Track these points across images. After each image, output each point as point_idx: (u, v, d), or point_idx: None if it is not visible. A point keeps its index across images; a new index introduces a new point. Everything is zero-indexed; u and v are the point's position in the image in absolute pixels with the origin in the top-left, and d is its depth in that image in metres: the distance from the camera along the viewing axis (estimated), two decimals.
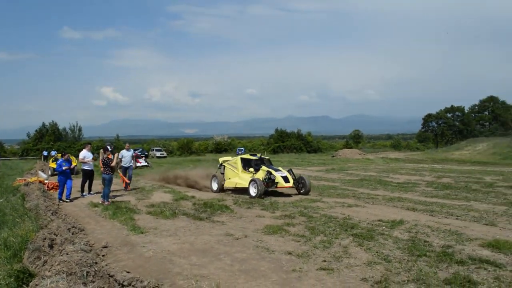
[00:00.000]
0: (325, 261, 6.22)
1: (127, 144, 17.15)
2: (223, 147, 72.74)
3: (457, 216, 9.88)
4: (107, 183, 12.30)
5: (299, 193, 14.05)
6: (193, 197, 13.36)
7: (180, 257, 6.52)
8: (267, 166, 14.57)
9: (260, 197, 12.93)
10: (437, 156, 49.11)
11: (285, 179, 13.79)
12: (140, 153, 39.75)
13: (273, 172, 13.95)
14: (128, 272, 5.61)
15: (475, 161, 40.05)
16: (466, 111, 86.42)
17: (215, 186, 15.38)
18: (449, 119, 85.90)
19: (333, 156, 53.45)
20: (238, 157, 15.68)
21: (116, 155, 13.04)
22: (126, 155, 15.91)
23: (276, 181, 13.71)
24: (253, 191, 13.32)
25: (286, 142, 70.63)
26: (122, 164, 15.65)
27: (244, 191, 14.01)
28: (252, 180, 13.49)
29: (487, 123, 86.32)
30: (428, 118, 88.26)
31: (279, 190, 14.48)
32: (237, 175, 14.97)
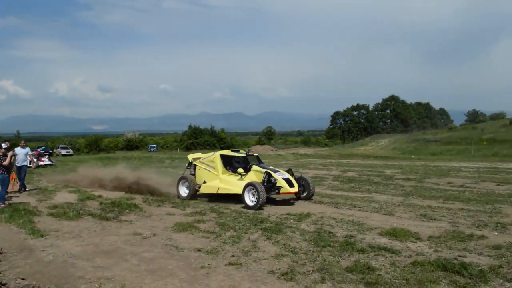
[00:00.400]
0: (234, 256, 6.25)
1: (22, 141, 15.84)
2: (135, 144, 70.72)
3: (360, 207, 10.47)
4: (1, 183, 11.31)
5: (299, 198, 11.72)
6: (100, 196, 12.76)
7: (83, 260, 6.18)
8: (258, 165, 11.88)
9: (260, 208, 10.30)
10: (344, 151, 51.77)
11: (289, 183, 11.15)
12: (43, 151, 37.36)
13: (272, 173, 11.24)
14: (23, 279, 5.23)
15: (378, 155, 42.76)
16: (370, 109, 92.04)
17: (184, 191, 12.42)
18: (355, 117, 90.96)
19: None
20: (217, 154, 12.49)
21: (10, 153, 11.91)
22: (19, 152, 14.58)
23: (278, 185, 11.01)
24: (250, 200, 10.50)
25: (200, 139, 70.27)
26: (16, 163, 14.39)
27: (231, 197, 11.59)
28: (250, 185, 10.60)
29: (389, 120, 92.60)
30: (336, 116, 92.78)
31: (278, 197, 11.75)
32: (216, 178, 12.02)
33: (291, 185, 11.11)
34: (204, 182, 12.28)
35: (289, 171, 11.92)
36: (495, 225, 8.28)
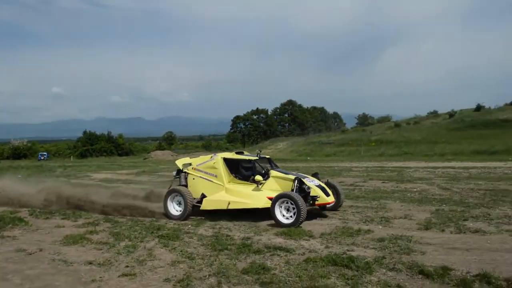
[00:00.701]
0: (128, 266, 6.02)
1: None
2: (22, 152, 65.48)
3: (257, 209, 10.64)
4: None
5: (324, 209, 9.78)
6: None
7: None
8: (278, 170, 9.83)
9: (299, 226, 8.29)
10: None
11: (325, 191, 9.27)
12: None
13: (305, 181, 9.18)
14: None
15: (277, 158, 43.95)
16: (269, 113, 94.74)
17: (176, 209, 9.82)
18: (254, 121, 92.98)
19: (145, 159, 52.85)
20: (219, 158, 10.05)
21: None
22: None
23: (312, 194, 9.01)
24: (283, 216, 8.48)
25: (96, 145, 67.07)
26: None
27: (240, 212, 9.57)
28: (283, 197, 8.48)
29: (287, 124, 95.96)
30: (236, 120, 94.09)
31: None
32: (220, 188, 9.73)
33: (327, 194, 9.26)
34: (203, 195, 9.88)
35: (316, 175, 9.99)
36: (380, 220, 8.93)
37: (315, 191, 9.02)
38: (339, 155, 44.05)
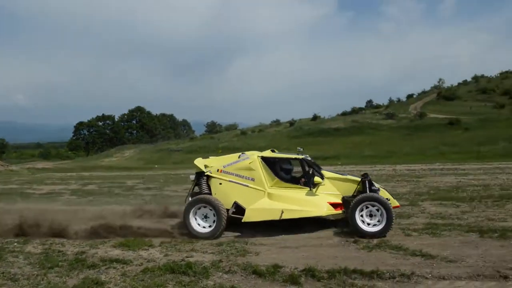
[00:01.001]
0: None
1: None
2: None
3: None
4: None
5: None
6: None
7: None
8: (329, 170, 8.64)
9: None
10: (87, 163, 49.75)
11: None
12: None
13: (374, 183, 8.07)
14: None
15: (123, 166, 42.59)
16: (116, 120, 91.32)
17: (201, 224, 7.95)
18: (100, 127, 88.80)
19: None
20: (255, 157, 8.28)
21: None
22: None
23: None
24: (363, 222, 7.31)
25: None
26: None
27: (286, 222, 8.01)
28: (366, 200, 7.30)
29: (135, 131, 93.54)
30: (79, 126, 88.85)
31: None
32: (261, 195, 8.00)
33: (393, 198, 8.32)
34: (236, 204, 8.03)
35: (366, 176, 8.42)
36: None
37: (384, 194, 7.96)
38: (187, 163, 44.15)
